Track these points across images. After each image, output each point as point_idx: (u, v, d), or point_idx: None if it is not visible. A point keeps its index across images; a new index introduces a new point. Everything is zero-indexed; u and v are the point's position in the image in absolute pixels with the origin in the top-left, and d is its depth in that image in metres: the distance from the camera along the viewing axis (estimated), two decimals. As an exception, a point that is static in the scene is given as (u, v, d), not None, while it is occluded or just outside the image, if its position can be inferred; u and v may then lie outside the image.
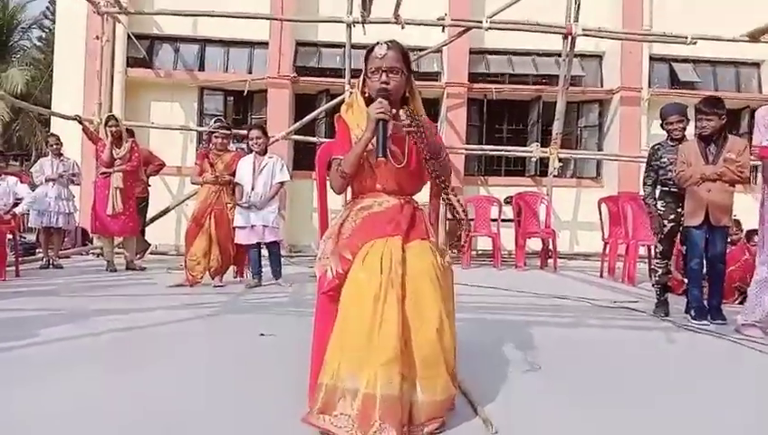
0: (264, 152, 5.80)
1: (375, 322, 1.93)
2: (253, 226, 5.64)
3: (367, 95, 2.25)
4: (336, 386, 1.91)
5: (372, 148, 2.13)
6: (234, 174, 5.76)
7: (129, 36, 9.73)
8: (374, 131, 2.10)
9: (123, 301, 4.78)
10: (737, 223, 5.92)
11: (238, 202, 5.66)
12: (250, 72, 10.33)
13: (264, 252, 5.92)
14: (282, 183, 5.79)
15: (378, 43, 2.22)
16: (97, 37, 9.28)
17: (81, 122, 7.73)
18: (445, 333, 2.02)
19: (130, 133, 7.39)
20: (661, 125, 4.81)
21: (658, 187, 4.76)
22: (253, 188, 5.65)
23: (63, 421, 2.08)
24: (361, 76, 2.30)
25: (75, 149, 8.59)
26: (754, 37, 8.71)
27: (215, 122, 6.18)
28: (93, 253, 8.65)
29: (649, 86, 10.43)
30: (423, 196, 2.41)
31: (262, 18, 9.23)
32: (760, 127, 4.11)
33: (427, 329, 2.00)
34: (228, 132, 6.01)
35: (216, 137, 5.89)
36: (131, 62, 10.00)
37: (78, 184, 7.59)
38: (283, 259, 6.15)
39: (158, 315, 4.10)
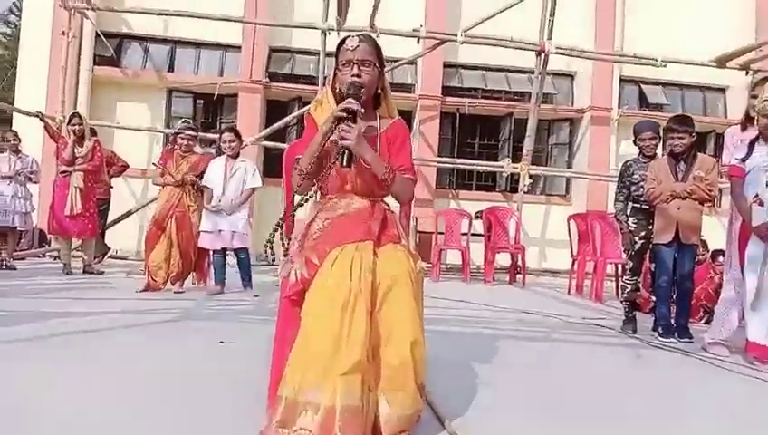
0: (236, 156, 5.65)
1: (342, 332, 1.81)
2: (220, 230, 5.47)
3: (338, 91, 2.15)
4: (297, 400, 1.79)
5: (337, 154, 2.03)
6: (200, 176, 5.59)
7: (97, 34, 9.49)
8: (332, 126, 2.00)
9: (78, 304, 4.56)
10: (704, 243, 5.97)
11: (206, 206, 5.49)
12: (221, 76, 10.17)
13: (230, 260, 5.75)
14: (253, 189, 5.64)
15: (349, 35, 2.13)
16: (63, 32, 9.01)
17: (42, 119, 7.49)
18: (418, 345, 1.92)
19: (93, 133, 7.16)
20: (634, 141, 4.82)
21: (630, 203, 4.75)
22: (223, 193, 5.50)
23: (9, 419, 1.93)
24: (332, 71, 2.20)
25: (36, 147, 8.31)
26: (721, 63, 8.92)
27: (182, 123, 6.02)
28: (50, 255, 8.33)
29: (619, 107, 10.61)
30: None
31: (235, 21, 9.09)
32: (729, 147, 4.15)
33: (401, 340, 1.89)
34: (194, 134, 5.82)
35: (182, 138, 5.70)
36: (98, 60, 9.76)
37: (36, 182, 7.31)
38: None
39: (112, 319, 3.91)
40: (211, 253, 5.69)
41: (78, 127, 6.57)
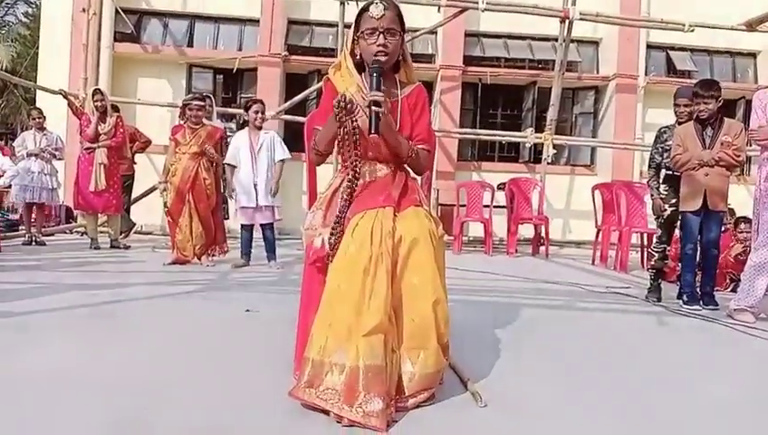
0: (260, 128, 5.62)
1: (364, 296, 1.85)
2: (259, 206, 5.51)
3: (358, 57, 2.13)
4: (323, 361, 1.83)
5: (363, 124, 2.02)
6: (217, 145, 5.60)
7: (116, 10, 9.53)
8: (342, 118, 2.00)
9: (106, 277, 4.67)
10: (731, 211, 5.87)
11: (230, 193, 5.56)
12: (240, 50, 10.17)
13: (257, 234, 5.80)
14: (283, 161, 5.60)
15: (373, 1, 2.08)
16: (83, 10, 9.06)
17: (66, 97, 7.56)
18: (440, 303, 1.94)
19: (116, 109, 7.22)
20: (674, 105, 4.73)
21: (662, 170, 4.67)
22: (255, 166, 5.48)
23: (43, 386, 1.98)
24: (350, 35, 2.17)
25: (60, 125, 8.43)
26: (751, 26, 8.65)
27: (190, 94, 5.94)
28: (77, 231, 8.50)
29: (646, 74, 10.37)
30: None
31: (253, -7, 9.05)
32: (757, 110, 4.04)
33: (422, 299, 1.92)
34: (202, 104, 5.67)
35: (190, 109, 5.58)
36: (119, 36, 9.81)
37: (60, 159, 7.41)
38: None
39: (140, 291, 3.99)
40: (239, 226, 5.74)
41: (100, 103, 6.62)
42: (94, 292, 3.84)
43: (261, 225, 5.69)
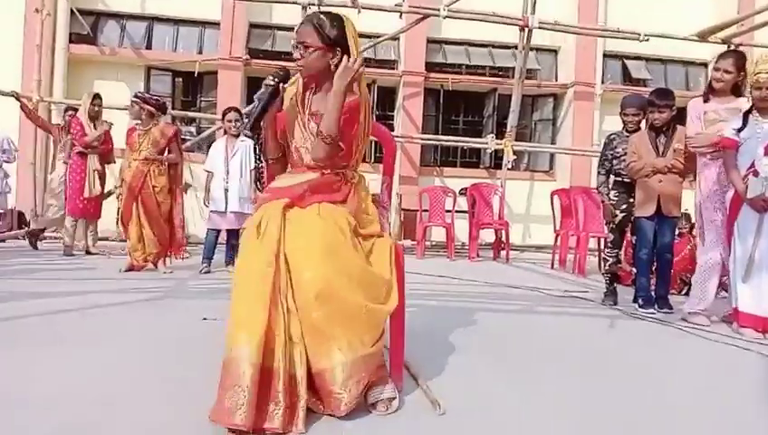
0: (237, 135, 5.62)
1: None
2: (230, 211, 5.53)
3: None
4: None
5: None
6: (163, 151, 5.46)
7: (72, 11, 9.28)
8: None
9: (61, 284, 4.51)
10: (686, 216, 6.02)
11: (205, 199, 5.66)
12: (200, 53, 10.01)
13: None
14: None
15: None
16: (37, 10, 8.80)
17: (18, 99, 7.33)
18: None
19: (73, 110, 7.06)
20: (621, 114, 4.83)
21: (612, 176, 4.77)
22: (227, 173, 5.53)
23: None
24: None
25: (12, 128, 8.16)
26: (703, 37, 8.92)
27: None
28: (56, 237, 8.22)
29: (602, 82, 10.60)
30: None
31: (213, -4, 8.91)
32: (693, 119, 4.19)
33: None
34: (136, 101, 5.51)
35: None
36: (74, 38, 9.55)
37: (9, 162, 7.17)
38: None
39: (95, 299, 3.87)
40: (205, 230, 5.68)
41: (98, 108, 6.52)
42: (47, 300, 3.73)
43: (227, 231, 5.64)
